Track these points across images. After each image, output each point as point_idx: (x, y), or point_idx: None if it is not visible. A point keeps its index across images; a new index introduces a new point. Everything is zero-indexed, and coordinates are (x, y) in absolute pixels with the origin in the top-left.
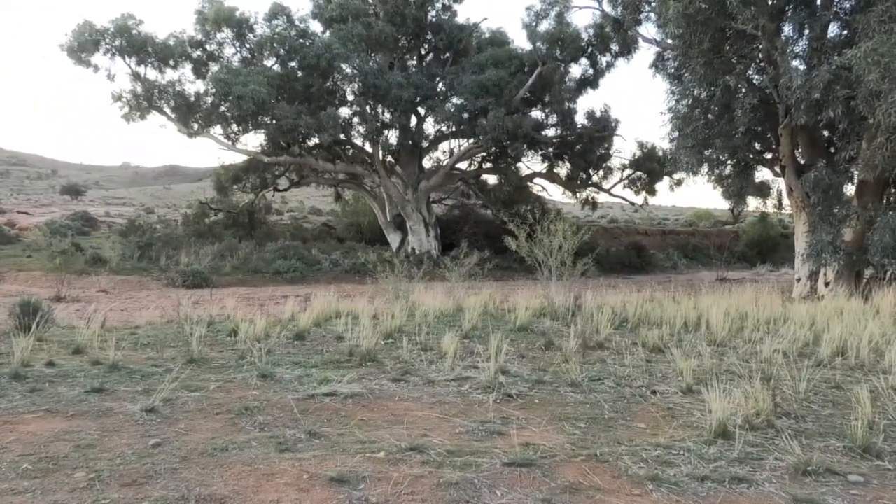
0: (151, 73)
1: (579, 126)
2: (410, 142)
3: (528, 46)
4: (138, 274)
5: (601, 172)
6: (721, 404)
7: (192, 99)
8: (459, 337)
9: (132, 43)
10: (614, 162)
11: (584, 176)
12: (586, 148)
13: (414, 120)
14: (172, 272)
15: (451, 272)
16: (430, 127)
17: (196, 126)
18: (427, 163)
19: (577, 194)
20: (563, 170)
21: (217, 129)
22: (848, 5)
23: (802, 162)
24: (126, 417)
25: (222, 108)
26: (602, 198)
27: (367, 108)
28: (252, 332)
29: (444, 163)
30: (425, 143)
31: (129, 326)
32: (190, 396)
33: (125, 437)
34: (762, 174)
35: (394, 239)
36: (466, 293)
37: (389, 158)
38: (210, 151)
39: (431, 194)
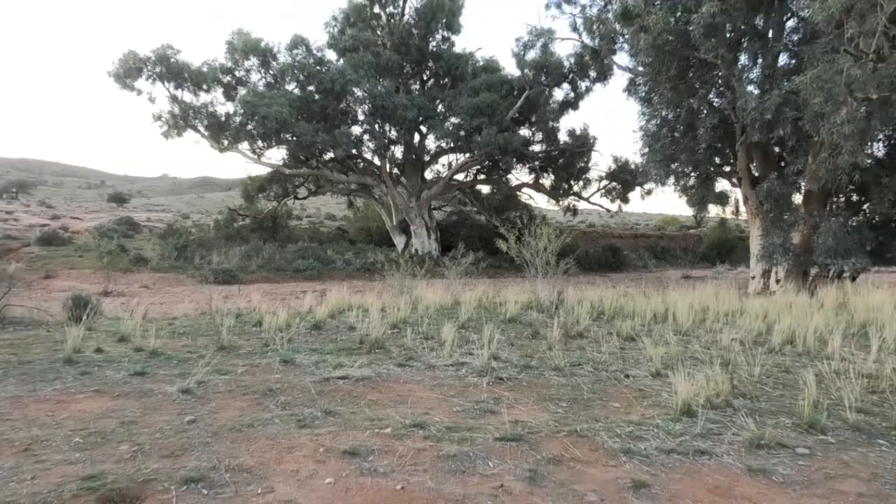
0: (187, 96)
1: (562, 142)
2: (414, 156)
3: (517, 73)
4: (175, 272)
5: (581, 183)
6: (686, 386)
7: (223, 118)
8: (457, 327)
9: (171, 70)
10: (592, 174)
11: (567, 186)
12: (568, 161)
13: (417, 137)
14: (205, 270)
15: (449, 270)
16: (431, 143)
17: (226, 142)
18: (428, 174)
19: (560, 202)
20: (547, 181)
21: (245, 145)
22: (796, 38)
23: (757, 174)
24: (164, 397)
25: (249, 127)
26: (582, 205)
27: (376, 126)
28: (275, 322)
29: (444, 174)
30: (427, 158)
31: (167, 318)
32: (220, 379)
33: (164, 415)
34: (721, 185)
35: (399, 241)
36: (463, 289)
37: (395, 170)
38: (238, 164)
39: (432, 202)
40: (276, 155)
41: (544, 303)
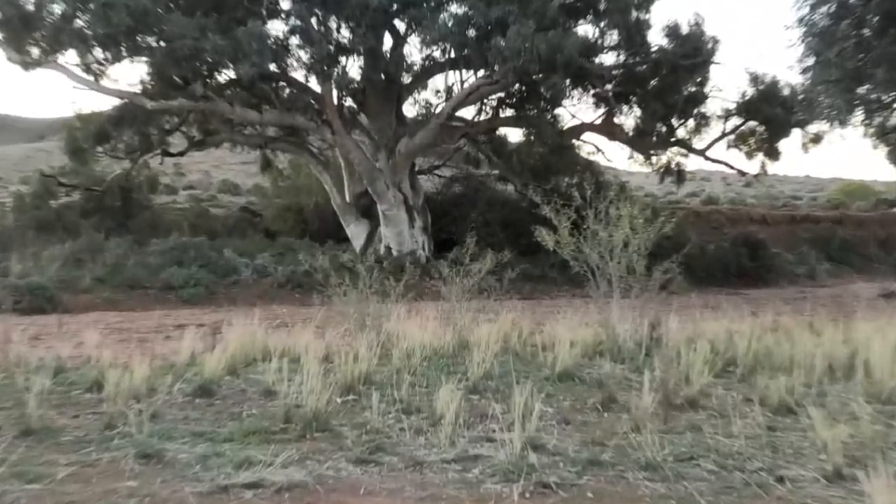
0: None
1: (654, 49)
2: (383, 76)
3: None
4: None
5: (691, 123)
6: (891, 498)
7: (31, 7)
8: (464, 390)
9: None
10: (712, 107)
11: (664, 129)
12: (666, 84)
13: (389, 41)
14: None
15: (449, 285)
16: (413, 52)
17: (37, 51)
18: (410, 110)
19: (653, 158)
20: (629, 119)
21: (70, 56)
22: None
23: None
24: None
25: (79, 23)
26: (693, 164)
27: (314, 20)
28: (127, 384)
29: (438, 109)
30: (407, 79)
31: None
32: (24, 491)
33: None
34: None
35: (357, 232)
36: (475, 319)
37: (350, 103)
38: (59, 92)
39: (417, 160)
40: (130, 75)
41: (625, 344)
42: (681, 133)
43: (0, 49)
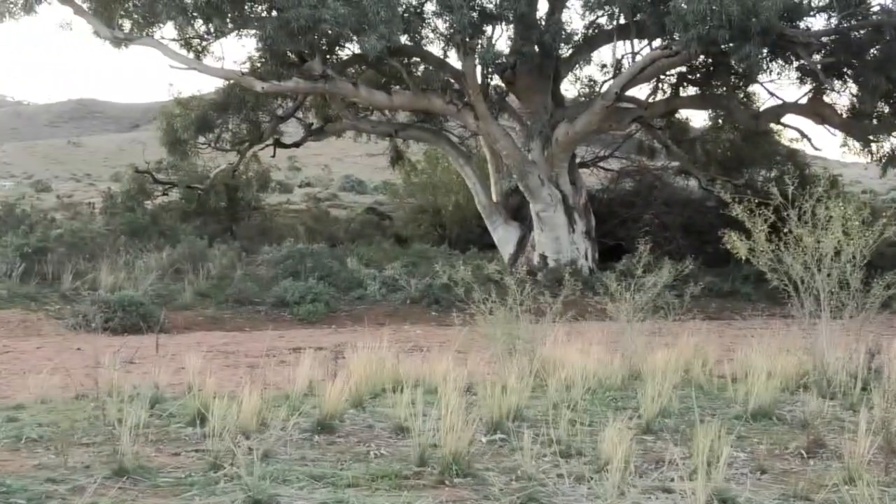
0: None
1: (875, 8)
2: (537, 48)
3: None
4: (21, 305)
5: None
6: None
7: None
8: (635, 430)
9: None
10: None
11: (887, 109)
12: (891, 53)
13: (544, 5)
14: (84, 302)
15: (617, 302)
16: (574, 18)
17: (129, 24)
18: (569, 89)
19: (873, 146)
20: (842, 98)
21: (168, 31)
22: None
23: None
24: None
25: None
26: None
27: None
28: (235, 417)
29: (604, 88)
30: (566, 51)
31: (2, 405)
32: None
33: None
34: None
35: (505, 237)
36: (649, 343)
37: (497, 82)
38: (154, 73)
39: (579, 150)
40: (236, 51)
41: (836, 375)
42: None
43: (86, 19)
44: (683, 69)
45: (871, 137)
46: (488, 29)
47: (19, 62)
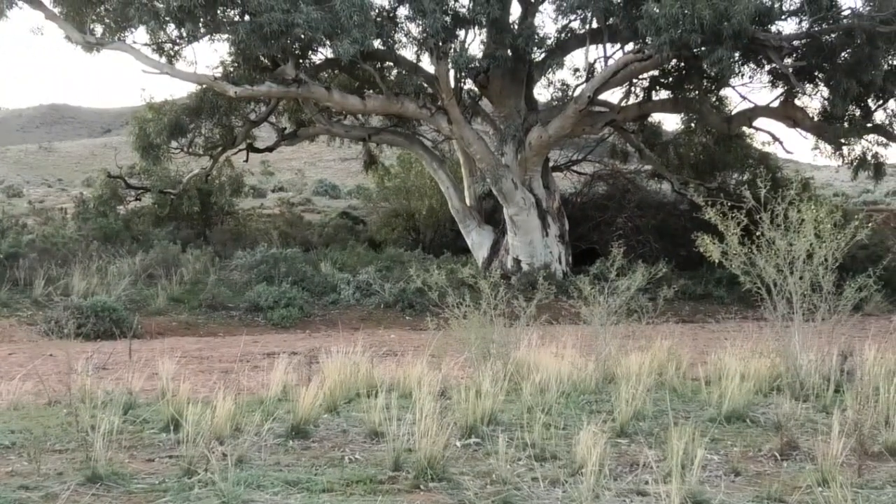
0: None
1: (846, 13)
2: (510, 52)
3: None
4: None
5: (892, 105)
6: None
7: None
8: (609, 433)
9: None
10: None
11: (858, 112)
12: (861, 57)
13: (516, 9)
14: (57, 308)
15: (591, 306)
16: (547, 22)
17: (100, 29)
18: (542, 93)
19: (844, 149)
20: (813, 101)
21: (140, 35)
22: None
23: None
24: None
25: None
26: (894, 155)
27: None
28: (209, 423)
29: (577, 92)
30: (539, 55)
31: None
32: None
33: None
34: None
35: (479, 241)
36: (623, 347)
37: (470, 86)
38: (127, 77)
39: (552, 154)
40: (209, 55)
41: (809, 378)
42: (879, 117)
43: (57, 24)
44: (656, 73)
45: (842, 140)
46: (461, 33)
47: None
